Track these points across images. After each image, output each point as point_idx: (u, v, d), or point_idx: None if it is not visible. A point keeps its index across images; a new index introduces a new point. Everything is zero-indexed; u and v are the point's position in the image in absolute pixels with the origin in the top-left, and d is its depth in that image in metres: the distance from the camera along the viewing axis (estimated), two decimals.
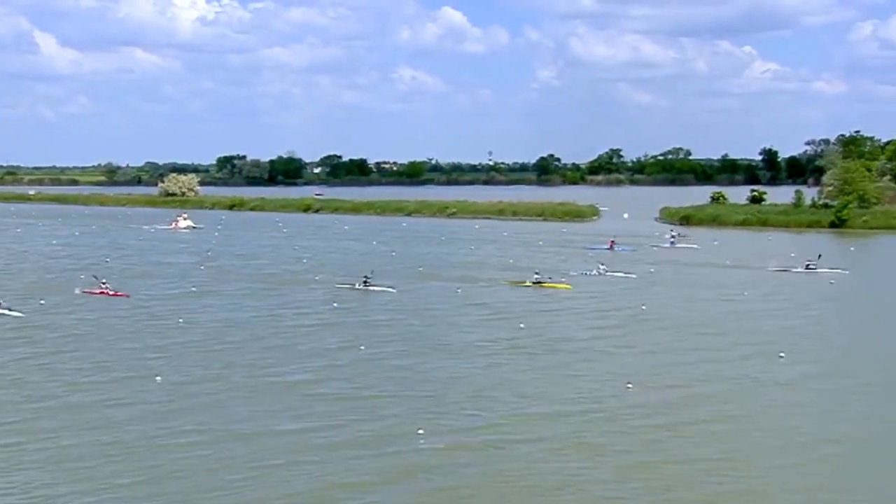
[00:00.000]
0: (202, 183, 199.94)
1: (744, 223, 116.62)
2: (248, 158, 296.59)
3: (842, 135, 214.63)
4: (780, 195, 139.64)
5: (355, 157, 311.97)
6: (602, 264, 69.05)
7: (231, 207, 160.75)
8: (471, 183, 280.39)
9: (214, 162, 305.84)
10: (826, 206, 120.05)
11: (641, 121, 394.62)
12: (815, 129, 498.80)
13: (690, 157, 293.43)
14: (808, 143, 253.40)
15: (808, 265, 69.30)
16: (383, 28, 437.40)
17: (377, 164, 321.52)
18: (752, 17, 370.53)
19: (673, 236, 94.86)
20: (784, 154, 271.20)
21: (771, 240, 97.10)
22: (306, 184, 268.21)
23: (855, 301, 59.78)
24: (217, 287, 61.66)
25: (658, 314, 51.34)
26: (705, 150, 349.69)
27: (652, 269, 71.48)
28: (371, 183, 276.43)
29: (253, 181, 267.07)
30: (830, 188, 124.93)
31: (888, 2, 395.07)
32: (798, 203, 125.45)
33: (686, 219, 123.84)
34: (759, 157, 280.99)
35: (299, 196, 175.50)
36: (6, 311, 48.52)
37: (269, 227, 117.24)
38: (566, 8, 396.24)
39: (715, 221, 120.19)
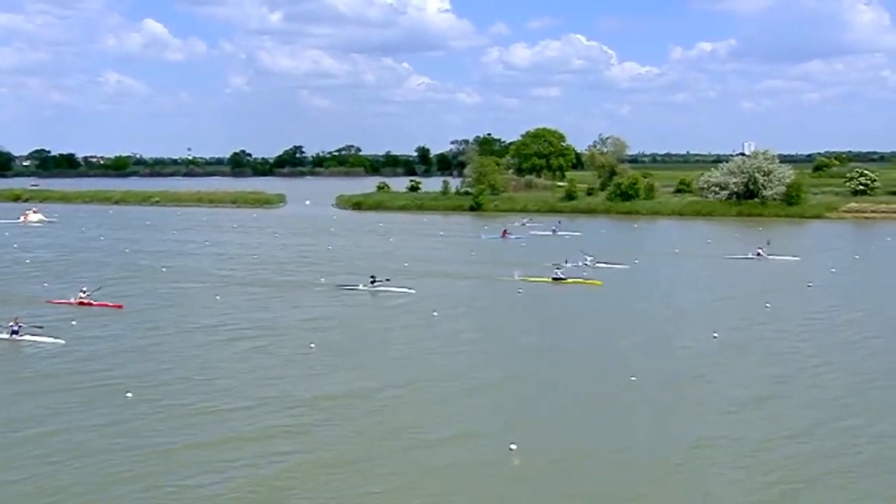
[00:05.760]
0: None
1: (404, 207, 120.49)
2: None
3: (478, 136, 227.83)
4: (432, 185, 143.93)
5: (64, 152, 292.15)
6: (589, 256, 58.78)
7: None
8: (172, 175, 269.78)
9: None
10: (467, 193, 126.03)
11: (320, 122, 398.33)
12: (457, 132, 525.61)
13: (360, 153, 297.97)
14: (452, 143, 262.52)
15: (759, 252, 62.98)
16: (90, 35, 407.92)
17: (85, 158, 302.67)
18: (410, 40, 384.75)
19: (555, 227, 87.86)
20: (435, 151, 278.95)
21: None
22: (15, 175, 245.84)
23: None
24: None
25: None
26: (372, 148, 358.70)
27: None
28: (80, 175, 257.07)
29: None
30: (470, 179, 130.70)
31: (511, 33, 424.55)
32: (445, 191, 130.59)
33: (357, 205, 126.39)
34: (415, 154, 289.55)
35: (8, 187, 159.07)
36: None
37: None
38: (256, 25, 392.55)
39: (381, 206, 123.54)
